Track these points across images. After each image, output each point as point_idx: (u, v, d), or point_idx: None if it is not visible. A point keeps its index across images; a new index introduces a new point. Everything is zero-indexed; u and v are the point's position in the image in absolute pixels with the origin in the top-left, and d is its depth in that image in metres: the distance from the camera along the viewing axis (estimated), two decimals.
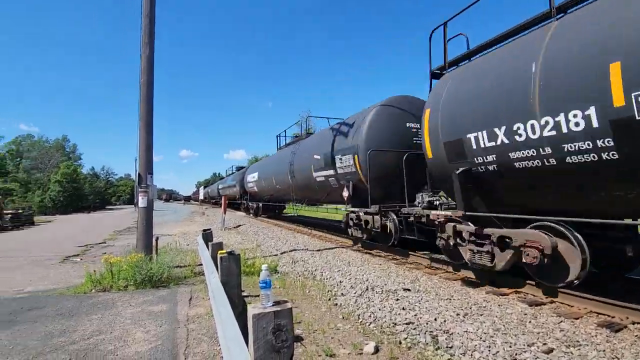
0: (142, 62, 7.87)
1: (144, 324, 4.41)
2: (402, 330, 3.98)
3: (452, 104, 5.68)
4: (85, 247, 12.20)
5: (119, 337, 4.03)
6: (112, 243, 13.16)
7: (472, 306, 4.67)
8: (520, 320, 4.16)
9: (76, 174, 50.92)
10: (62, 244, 13.09)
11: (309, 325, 4.27)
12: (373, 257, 8.50)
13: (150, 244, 7.70)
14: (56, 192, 44.77)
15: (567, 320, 4.12)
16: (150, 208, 7.83)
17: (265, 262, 7.68)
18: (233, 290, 3.78)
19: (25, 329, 4.33)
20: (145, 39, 7.87)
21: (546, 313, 4.40)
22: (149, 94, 7.88)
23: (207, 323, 4.37)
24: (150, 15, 7.94)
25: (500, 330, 3.83)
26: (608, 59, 3.56)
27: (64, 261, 9.36)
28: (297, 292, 5.78)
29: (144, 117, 7.81)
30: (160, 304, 5.19)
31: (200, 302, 5.27)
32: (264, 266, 2.16)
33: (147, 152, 7.82)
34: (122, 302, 5.31)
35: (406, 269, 7.13)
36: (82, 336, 4.06)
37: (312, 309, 4.93)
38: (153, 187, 7.96)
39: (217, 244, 5.18)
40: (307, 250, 9.46)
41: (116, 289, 6.06)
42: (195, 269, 7.20)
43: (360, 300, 5.08)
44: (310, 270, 7.14)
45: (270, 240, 11.72)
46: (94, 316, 4.73)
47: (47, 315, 4.82)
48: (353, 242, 10.31)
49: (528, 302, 4.79)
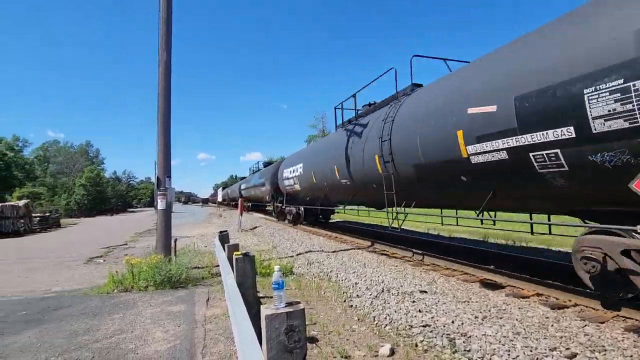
0: (160, 67, 8.09)
1: (163, 323, 4.52)
2: (419, 332, 3.93)
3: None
4: (108, 248, 12.60)
5: (139, 336, 4.14)
6: (133, 245, 13.55)
7: (491, 309, 4.56)
8: (542, 323, 4.04)
9: (99, 177, 52.76)
10: (86, 245, 13.57)
11: (324, 326, 4.28)
12: (389, 258, 8.42)
13: (169, 246, 7.89)
14: (81, 195, 46.48)
15: (591, 324, 3.97)
16: (169, 210, 8.02)
17: (281, 263, 7.74)
18: (248, 290, 3.83)
19: (52, 327, 4.51)
20: (162, 44, 8.08)
21: (569, 316, 4.26)
22: (167, 99, 8.09)
23: (223, 323, 4.44)
24: (168, 21, 8.14)
25: (521, 334, 3.73)
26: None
27: (88, 262, 9.70)
28: (312, 293, 5.79)
29: (162, 121, 8.02)
30: (178, 305, 5.31)
31: (217, 303, 5.35)
32: (277, 267, 2.18)
33: (165, 156, 8.02)
34: (142, 302, 5.45)
35: (423, 270, 7.03)
36: (105, 335, 4.20)
37: (328, 310, 4.93)
38: (171, 190, 8.15)
39: (233, 246, 5.25)
40: (322, 252, 9.47)
41: (137, 289, 6.23)
42: (213, 270, 7.33)
43: (376, 302, 5.04)
44: (325, 271, 7.14)
45: (285, 242, 11.79)
46: (116, 315, 4.87)
47: (73, 314, 5.01)
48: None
49: (550, 305, 4.64)
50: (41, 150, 65.00)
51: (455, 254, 7.74)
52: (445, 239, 11.10)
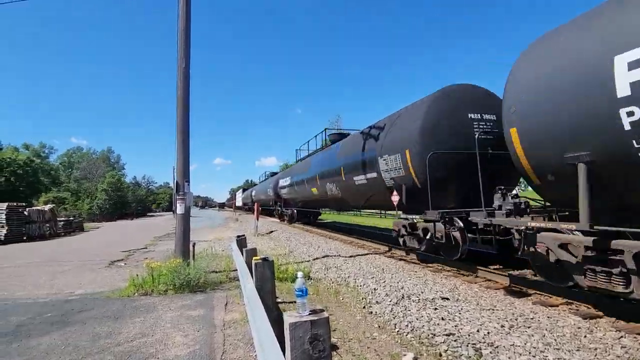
0: (179, 75, 8.23)
1: (183, 328, 4.54)
2: (442, 341, 3.80)
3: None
4: (129, 252, 12.86)
5: (160, 340, 4.16)
6: (153, 248, 13.79)
7: (517, 318, 4.37)
8: (574, 334, 3.83)
9: (120, 183, 54.21)
10: (108, 249, 13.90)
11: (343, 333, 4.19)
12: (408, 264, 8.26)
13: (188, 250, 7.96)
14: (103, 200, 47.85)
15: (628, 336, 3.74)
16: (187, 215, 8.11)
17: (298, 268, 7.69)
18: (267, 296, 3.79)
19: (76, 329, 4.59)
20: (181, 53, 8.23)
21: (603, 327, 4.03)
22: (186, 106, 8.21)
23: (242, 329, 4.42)
24: (186, 30, 8.29)
25: (552, 345, 3.54)
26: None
27: (109, 265, 9.91)
28: (330, 299, 5.72)
29: (180, 127, 8.14)
30: (197, 309, 5.32)
31: (235, 307, 5.34)
32: (299, 274, 2.12)
33: (184, 161, 8.13)
34: (162, 306, 5.50)
35: (443, 276, 6.85)
36: (127, 338, 4.24)
37: (347, 316, 4.84)
38: (190, 194, 8.25)
39: (252, 250, 5.25)
40: (339, 257, 9.38)
41: (157, 293, 6.29)
42: (230, 274, 7.34)
43: (396, 308, 4.92)
44: (343, 276, 7.05)
45: (302, 247, 11.75)
46: (137, 319, 4.93)
47: (95, 317, 5.09)
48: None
49: (582, 315, 4.41)
50: (66, 156, 67.59)
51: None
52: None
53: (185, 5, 8.22)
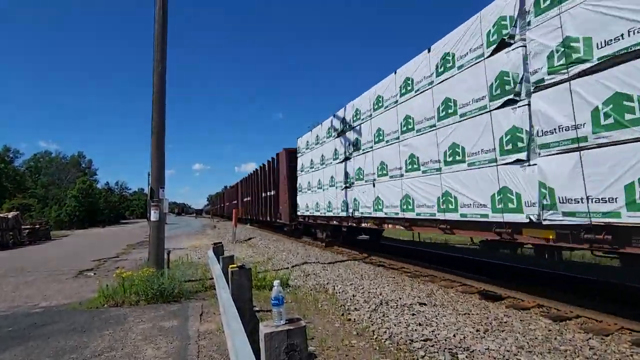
0: (155, 79, 8.03)
1: (155, 340, 4.35)
2: (420, 347, 3.82)
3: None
4: (99, 261, 12.29)
5: (129, 353, 3.97)
6: (125, 257, 13.24)
7: (492, 321, 4.47)
8: (545, 336, 3.95)
9: (91, 189, 51.88)
10: (77, 258, 13.24)
11: (322, 341, 4.14)
12: (386, 269, 8.31)
13: (162, 258, 7.70)
14: (72, 206, 45.60)
15: (596, 337, 3.89)
16: (162, 222, 7.86)
17: (277, 276, 7.57)
18: (244, 305, 3.69)
19: (39, 344, 4.32)
20: (157, 56, 8.04)
21: (572, 329, 4.18)
22: (161, 110, 8.01)
23: (217, 339, 4.28)
24: (163, 34, 8.12)
25: (524, 348, 3.64)
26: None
27: (77, 276, 9.43)
28: (309, 306, 5.66)
29: (156, 132, 7.92)
30: (171, 320, 5.13)
31: (211, 317, 5.19)
32: (276, 282, 2.07)
33: (159, 167, 7.89)
34: (133, 318, 5.27)
35: (421, 282, 6.93)
36: (94, 352, 4.02)
37: (325, 324, 4.80)
38: (165, 201, 8.00)
39: (228, 258, 5.13)
40: (318, 263, 9.32)
41: (128, 303, 6.03)
42: (207, 283, 7.14)
43: (375, 315, 4.92)
44: (322, 283, 7.00)
45: (281, 253, 11.62)
46: (106, 332, 4.69)
47: (61, 330, 4.81)
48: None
49: (552, 317, 4.56)
50: (32, 161, 64.02)
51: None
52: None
53: (161, 9, 8.05)
